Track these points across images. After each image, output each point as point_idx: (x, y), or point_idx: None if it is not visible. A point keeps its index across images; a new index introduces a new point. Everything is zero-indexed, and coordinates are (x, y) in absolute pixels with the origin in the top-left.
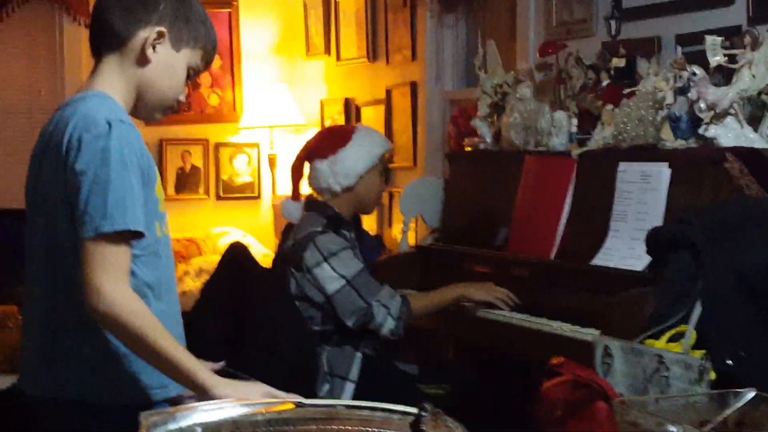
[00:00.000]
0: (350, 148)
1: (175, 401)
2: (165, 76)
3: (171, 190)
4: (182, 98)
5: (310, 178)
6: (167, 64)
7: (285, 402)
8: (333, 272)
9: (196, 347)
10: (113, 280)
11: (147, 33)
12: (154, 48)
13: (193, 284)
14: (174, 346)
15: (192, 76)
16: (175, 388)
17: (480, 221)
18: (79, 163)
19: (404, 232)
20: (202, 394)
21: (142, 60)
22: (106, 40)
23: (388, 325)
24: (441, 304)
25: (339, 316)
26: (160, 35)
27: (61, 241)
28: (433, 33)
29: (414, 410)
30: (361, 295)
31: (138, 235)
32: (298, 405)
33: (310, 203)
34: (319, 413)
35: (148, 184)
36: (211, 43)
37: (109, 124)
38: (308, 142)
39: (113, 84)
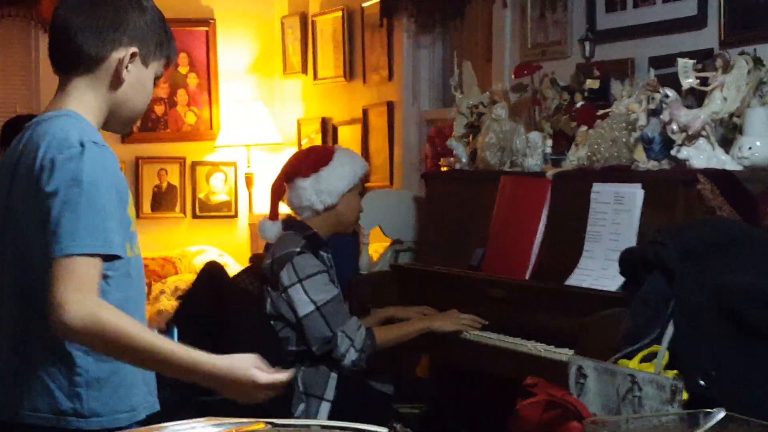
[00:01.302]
0: (333, 167)
1: (145, 424)
2: (138, 93)
3: (147, 209)
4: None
5: (290, 197)
6: (138, 80)
7: (256, 422)
8: (305, 296)
9: None
10: (79, 295)
11: (120, 54)
12: (126, 68)
13: (169, 303)
14: (158, 344)
15: (156, 83)
16: (144, 410)
17: (456, 241)
18: (51, 185)
19: (365, 245)
20: (204, 380)
21: (117, 81)
22: (77, 62)
23: (350, 357)
24: (406, 337)
25: (306, 339)
26: (134, 55)
27: (32, 263)
28: (409, 53)
29: (384, 429)
30: (328, 324)
31: (112, 257)
32: (269, 424)
33: (289, 223)
34: None
35: (123, 205)
36: (174, 51)
37: (82, 146)
38: (289, 162)
39: (85, 104)
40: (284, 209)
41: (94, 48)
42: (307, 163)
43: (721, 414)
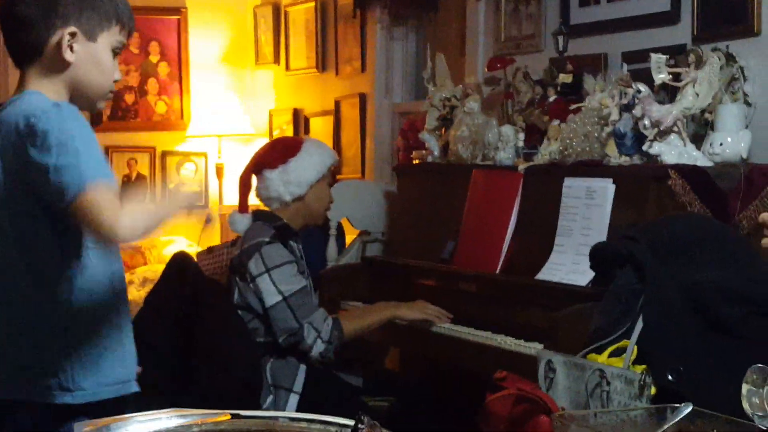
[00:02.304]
0: (301, 157)
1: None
2: (92, 69)
3: None
4: (117, 76)
5: (259, 188)
6: (89, 57)
7: (221, 414)
8: (272, 286)
9: (140, 357)
10: (115, 215)
11: (58, 37)
12: (71, 48)
13: (138, 294)
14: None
15: (119, 52)
16: (132, 384)
17: (427, 234)
18: (40, 146)
19: (330, 236)
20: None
21: (63, 63)
22: (23, 54)
23: (318, 348)
24: (373, 326)
25: (272, 330)
26: (72, 35)
27: (27, 237)
28: (382, 45)
29: (351, 422)
30: (295, 315)
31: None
32: (235, 416)
33: (259, 214)
34: (255, 425)
35: None
36: (125, 14)
37: (58, 106)
38: (257, 154)
39: (44, 89)
40: (254, 201)
41: (32, 38)
42: (274, 154)
43: (688, 408)
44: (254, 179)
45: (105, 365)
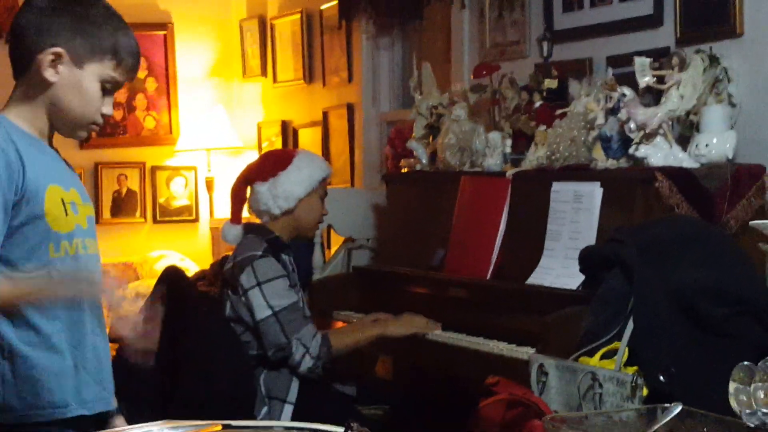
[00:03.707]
0: (290, 171)
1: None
2: (73, 95)
3: (107, 214)
4: (107, 111)
5: (250, 201)
6: (72, 82)
7: (213, 425)
8: (263, 300)
9: (132, 370)
10: None
11: (43, 55)
12: (56, 69)
13: (130, 309)
14: (21, 281)
15: (111, 88)
16: (77, 408)
17: (417, 242)
18: None
19: (315, 244)
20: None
21: (44, 82)
22: (14, 66)
23: (306, 364)
24: (361, 343)
25: (262, 343)
26: (57, 56)
27: None
28: (368, 55)
29: (341, 429)
30: (284, 330)
31: None
32: (226, 427)
33: (251, 227)
34: None
35: (24, 204)
36: (125, 51)
37: None
38: (249, 166)
39: (19, 109)
40: (246, 213)
41: (22, 49)
42: (265, 167)
43: (678, 408)
44: (247, 190)
45: (43, 386)
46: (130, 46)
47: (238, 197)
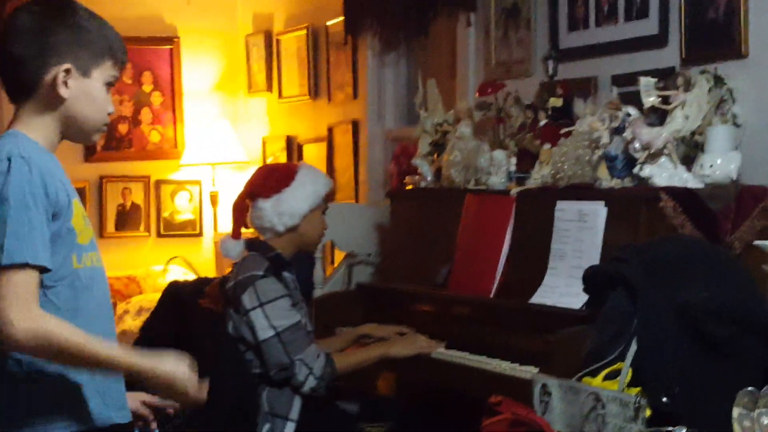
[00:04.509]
0: (294, 188)
1: None
2: (86, 105)
3: (111, 228)
4: (111, 110)
5: (252, 217)
6: (83, 92)
7: None
8: (265, 320)
9: (134, 385)
10: (23, 308)
11: (53, 74)
12: (66, 84)
13: (133, 323)
14: (104, 346)
15: (112, 84)
16: (81, 424)
17: (421, 259)
18: None
19: (317, 259)
20: (149, 378)
21: (58, 99)
22: (18, 91)
23: (309, 384)
24: (365, 363)
25: (265, 363)
26: (67, 72)
27: None
28: (374, 71)
29: None
30: (287, 351)
31: (39, 268)
32: None
33: (253, 243)
34: None
35: (59, 217)
36: (117, 48)
37: (9, 161)
38: (250, 181)
39: (33, 127)
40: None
41: (27, 76)
42: (268, 183)
43: (683, 431)
44: (249, 205)
45: (39, 408)
46: (117, 38)
47: (239, 213)
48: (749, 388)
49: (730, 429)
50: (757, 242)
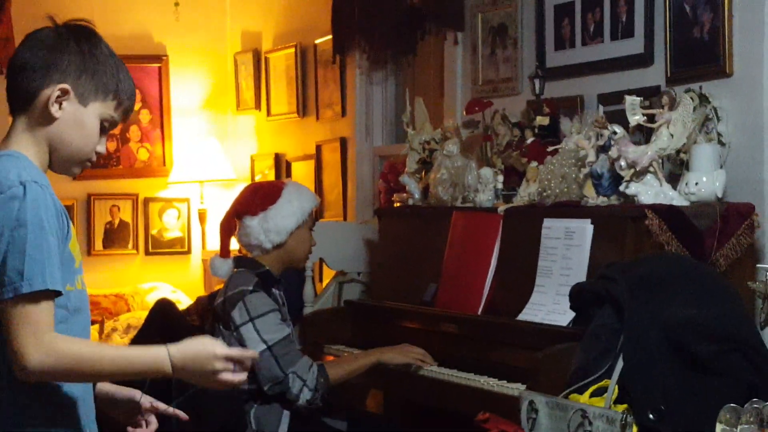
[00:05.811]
0: (281, 205)
1: None
2: (74, 132)
3: (99, 245)
4: (101, 149)
5: (239, 235)
6: (75, 119)
7: None
8: (256, 335)
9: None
10: (37, 340)
11: (50, 91)
12: (60, 105)
13: (121, 341)
14: (116, 353)
15: (108, 127)
16: None
17: (409, 276)
18: None
19: (306, 277)
20: (165, 374)
21: (48, 118)
22: (15, 101)
23: (305, 397)
24: (358, 371)
25: (258, 378)
26: (64, 92)
27: None
28: (362, 89)
29: None
30: (279, 364)
31: (56, 294)
32: None
33: (241, 260)
34: None
35: (63, 241)
36: (125, 93)
37: (24, 186)
38: (237, 199)
39: (24, 143)
40: (235, 245)
41: (27, 85)
42: (255, 200)
43: None
44: (236, 223)
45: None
46: (130, 88)
47: (227, 231)
48: (731, 405)
49: None
50: (760, 265)
